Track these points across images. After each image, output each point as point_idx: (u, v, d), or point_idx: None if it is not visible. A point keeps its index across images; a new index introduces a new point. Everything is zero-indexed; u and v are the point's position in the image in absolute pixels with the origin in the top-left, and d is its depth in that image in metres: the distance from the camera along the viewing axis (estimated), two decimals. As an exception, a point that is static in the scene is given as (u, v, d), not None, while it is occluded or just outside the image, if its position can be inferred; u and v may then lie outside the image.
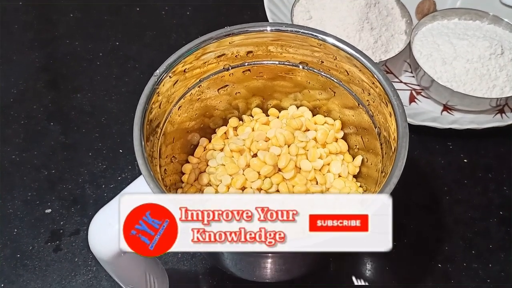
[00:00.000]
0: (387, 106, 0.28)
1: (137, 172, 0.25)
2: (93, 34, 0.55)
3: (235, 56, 0.33)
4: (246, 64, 0.33)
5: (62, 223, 0.41)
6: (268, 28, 0.31)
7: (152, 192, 0.24)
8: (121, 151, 0.45)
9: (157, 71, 0.29)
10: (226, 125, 0.36)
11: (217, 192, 0.32)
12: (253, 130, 0.35)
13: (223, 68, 0.33)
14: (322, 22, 0.48)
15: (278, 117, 0.36)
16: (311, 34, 0.31)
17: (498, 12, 0.50)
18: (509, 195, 0.43)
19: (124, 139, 0.46)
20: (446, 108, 0.48)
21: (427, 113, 0.47)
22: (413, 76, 0.50)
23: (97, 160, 0.44)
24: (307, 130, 0.35)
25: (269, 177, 0.31)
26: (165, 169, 0.31)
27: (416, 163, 0.45)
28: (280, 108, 0.37)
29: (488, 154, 0.46)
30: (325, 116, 0.36)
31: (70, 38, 0.54)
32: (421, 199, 0.43)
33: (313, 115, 0.36)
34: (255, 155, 0.32)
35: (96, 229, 0.25)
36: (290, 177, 0.32)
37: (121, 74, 0.51)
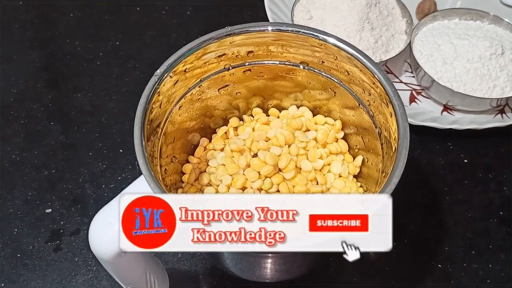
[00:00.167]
0: (388, 106, 0.28)
1: (138, 172, 0.25)
2: (93, 34, 0.55)
3: (236, 56, 0.33)
4: (247, 64, 0.33)
5: (63, 223, 0.41)
6: (269, 28, 0.31)
7: (153, 192, 0.24)
8: (122, 151, 0.45)
9: (158, 71, 0.29)
10: (227, 125, 0.36)
11: (218, 192, 0.32)
12: (254, 130, 0.35)
13: (224, 68, 0.33)
14: (323, 22, 0.48)
15: (279, 117, 0.36)
16: (312, 34, 0.31)
17: (499, 12, 0.50)
18: (509, 195, 0.43)
19: (125, 139, 0.46)
20: (447, 108, 0.48)
21: (428, 113, 0.47)
22: (414, 76, 0.50)
23: (98, 160, 0.44)
24: (308, 130, 0.35)
25: (270, 177, 0.31)
26: (166, 169, 0.31)
27: (416, 163, 0.45)
28: (281, 108, 0.37)
29: (488, 154, 0.46)
30: (326, 116, 0.36)
31: (70, 38, 0.54)
32: (421, 199, 0.43)
33: (314, 115, 0.36)
34: (256, 155, 0.32)
35: (97, 229, 0.25)
36: (291, 177, 0.32)
37: (121, 74, 0.51)
